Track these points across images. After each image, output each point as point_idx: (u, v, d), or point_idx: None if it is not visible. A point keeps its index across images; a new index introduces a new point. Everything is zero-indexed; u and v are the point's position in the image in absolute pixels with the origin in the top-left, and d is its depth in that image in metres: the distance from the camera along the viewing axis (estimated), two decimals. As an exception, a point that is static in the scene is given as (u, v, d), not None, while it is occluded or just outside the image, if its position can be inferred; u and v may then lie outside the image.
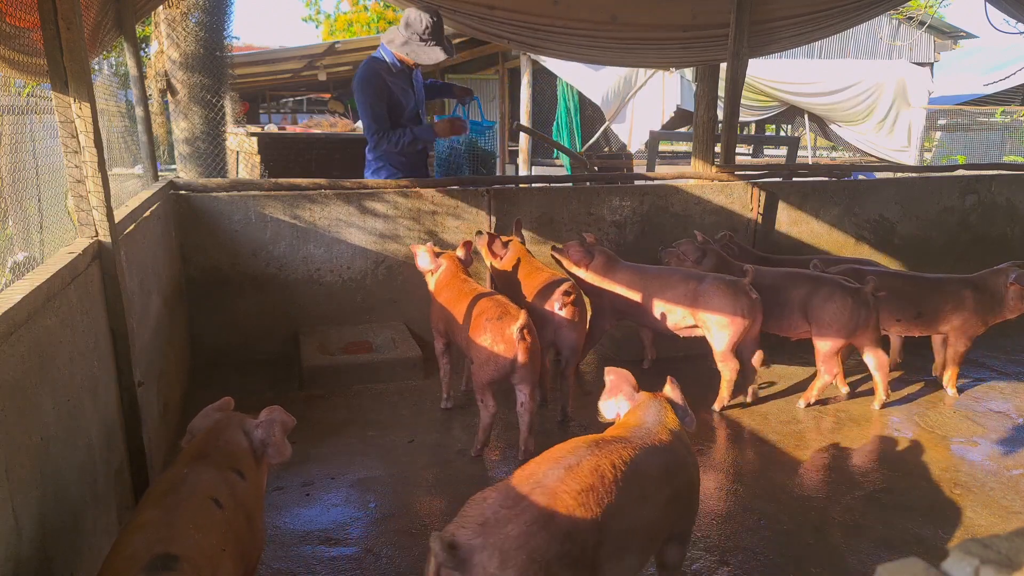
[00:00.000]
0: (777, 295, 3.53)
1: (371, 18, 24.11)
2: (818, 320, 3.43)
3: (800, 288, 3.50)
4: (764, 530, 2.54)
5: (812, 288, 3.47)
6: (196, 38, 6.32)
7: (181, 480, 1.62)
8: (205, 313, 3.88)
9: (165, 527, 1.45)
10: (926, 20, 11.89)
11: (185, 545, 1.41)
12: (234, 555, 1.57)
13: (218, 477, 1.67)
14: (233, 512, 1.63)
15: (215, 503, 1.59)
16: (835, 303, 3.38)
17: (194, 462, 1.70)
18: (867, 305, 3.38)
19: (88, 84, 2.04)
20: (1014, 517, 2.63)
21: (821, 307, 3.41)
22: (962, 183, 5.42)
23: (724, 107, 4.88)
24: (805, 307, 3.48)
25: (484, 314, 2.89)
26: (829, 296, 3.40)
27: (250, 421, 1.91)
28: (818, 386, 3.57)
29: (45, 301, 1.68)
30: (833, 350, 3.46)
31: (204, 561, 1.42)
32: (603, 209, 4.54)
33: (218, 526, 1.55)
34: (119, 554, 1.40)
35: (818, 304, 3.42)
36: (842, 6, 4.69)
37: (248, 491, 1.74)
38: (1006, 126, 13.49)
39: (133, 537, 1.43)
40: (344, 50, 12.24)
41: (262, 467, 1.89)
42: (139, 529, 1.46)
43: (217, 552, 1.49)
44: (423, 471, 2.91)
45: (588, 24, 4.58)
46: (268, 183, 3.98)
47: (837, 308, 3.38)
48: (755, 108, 11.93)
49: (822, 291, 3.43)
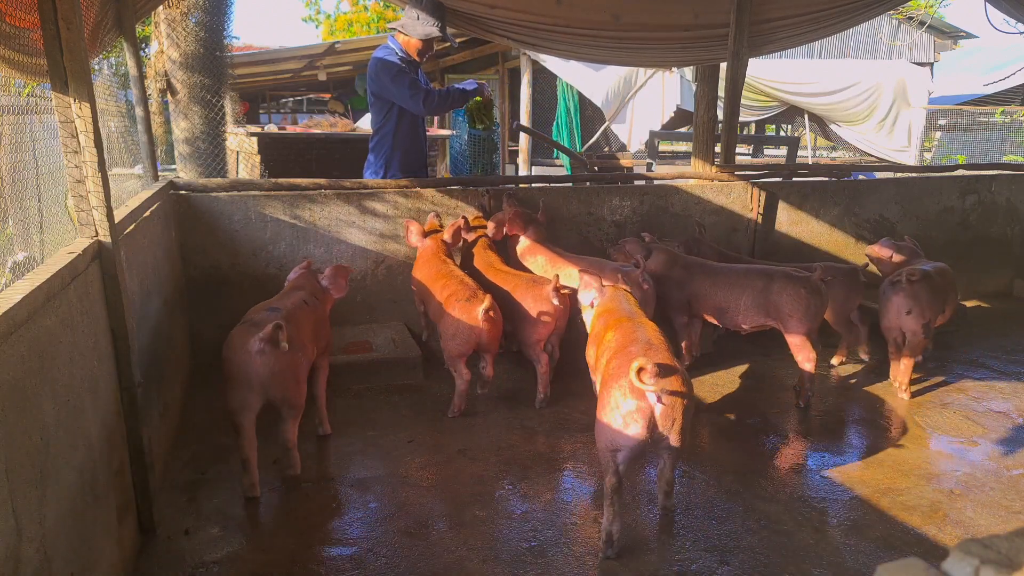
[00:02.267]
0: (732, 291, 3.63)
1: (371, 18, 24.12)
2: (778, 312, 3.51)
3: (756, 282, 3.58)
4: (764, 530, 2.54)
5: (767, 282, 3.55)
6: (196, 38, 6.33)
7: (285, 293, 3.03)
8: (205, 313, 3.88)
9: (277, 300, 2.90)
10: (926, 20, 11.89)
11: (286, 307, 2.77)
12: (310, 330, 2.85)
13: (305, 294, 3.00)
14: (312, 310, 2.95)
15: (304, 302, 2.92)
16: (789, 293, 3.47)
17: (292, 289, 3.06)
18: (819, 293, 3.47)
19: (88, 84, 2.04)
20: (1014, 517, 2.63)
21: (778, 299, 3.50)
22: (962, 183, 5.42)
23: (724, 107, 4.88)
24: (763, 301, 3.56)
25: (454, 295, 3.31)
26: (783, 288, 3.49)
27: (320, 275, 3.23)
28: (806, 379, 3.55)
29: (45, 301, 1.68)
30: (803, 338, 3.50)
31: (294, 317, 2.73)
32: (603, 209, 4.54)
33: (304, 310, 2.88)
34: (252, 310, 2.85)
35: (775, 297, 3.51)
36: (842, 6, 4.69)
37: (319, 306, 3.08)
38: (1006, 126, 13.50)
39: (258, 308, 2.84)
40: (344, 50, 12.25)
41: (328, 297, 3.20)
42: (258, 309, 2.82)
43: (303, 319, 2.81)
44: (423, 471, 2.91)
45: (590, 24, 4.58)
46: (268, 183, 3.98)
47: (792, 298, 3.46)
48: (755, 108, 11.93)
49: (776, 284, 3.52)
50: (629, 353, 2.34)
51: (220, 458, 2.97)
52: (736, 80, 4.74)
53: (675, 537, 2.49)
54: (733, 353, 4.24)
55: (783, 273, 3.57)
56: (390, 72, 4.11)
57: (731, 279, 3.67)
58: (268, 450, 3.04)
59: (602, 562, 2.33)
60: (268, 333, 2.49)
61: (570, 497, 2.73)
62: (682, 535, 2.50)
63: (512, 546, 2.42)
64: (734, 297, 3.63)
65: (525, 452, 3.06)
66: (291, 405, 2.66)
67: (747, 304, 3.60)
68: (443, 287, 3.44)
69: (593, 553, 2.38)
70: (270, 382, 2.56)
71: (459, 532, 2.49)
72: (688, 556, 2.37)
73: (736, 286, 3.63)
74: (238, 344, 2.55)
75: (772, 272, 3.60)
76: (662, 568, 2.31)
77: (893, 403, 3.65)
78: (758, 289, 3.57)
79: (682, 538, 2.48)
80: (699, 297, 3.72)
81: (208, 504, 2.63)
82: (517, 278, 3.60)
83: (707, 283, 3.71)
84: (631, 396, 2.21)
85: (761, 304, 3.56)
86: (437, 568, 2.30)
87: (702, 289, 3.71)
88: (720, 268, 3.80)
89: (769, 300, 3.53)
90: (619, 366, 2.31)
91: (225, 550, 2.37)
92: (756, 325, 3.64)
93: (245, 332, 2.57)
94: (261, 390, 2.56)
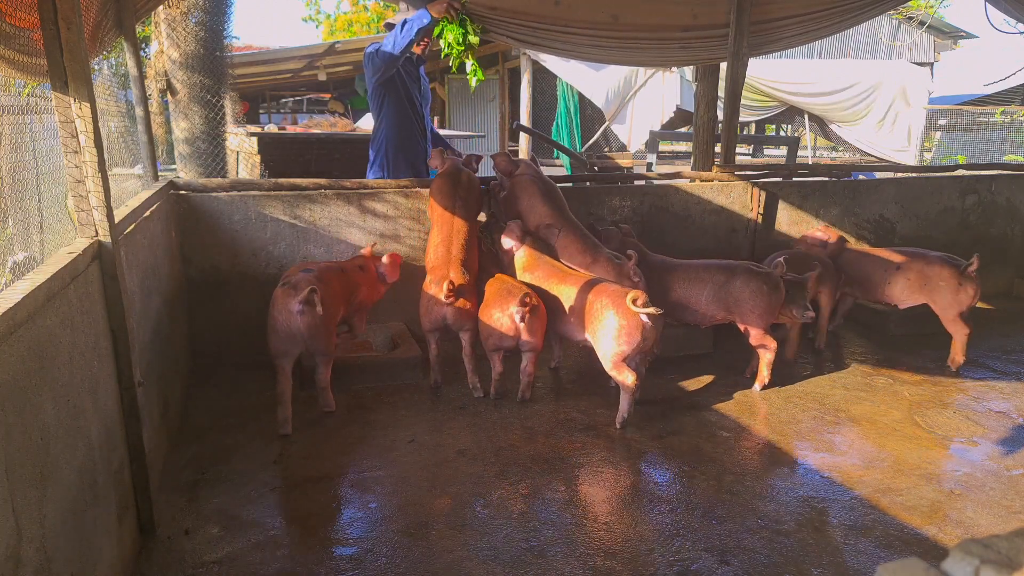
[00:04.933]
0: (693, 286, 3.72)
1: (371, 18, 24.10)
2: (739, 307, 3.62)
3: (717, 276, 3.68)
4: (764, 530, 2.54)
5: (728, 277, 3.65)
6: (196, 38, 6.32)
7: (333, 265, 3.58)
8: (205, 313, 3.88)
9: (314, 264, 3.41)
10: (926, 20, 11.88)
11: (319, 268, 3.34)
12: (340, 291, 3.39)
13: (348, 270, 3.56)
14: (343, 275, 3.49)
15: (341, 270, 3.50)
16: (751, 288, 3.57)
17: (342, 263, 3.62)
18: (778, 288, 3.59)
19: (88, 84, 2.04)
20: (1014, 517, 2.63)
21: (740, 294, 3.61)
22: (962, 183, 5.42)
23: (724, 107, 4.88)
24: (722, 296, 3.66)
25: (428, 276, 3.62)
26: (746, 283, 3.59)
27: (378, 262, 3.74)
28: (765, 365, 3.73)
29: (45, 301, 1.68)
30: (762, 332, 3.65)
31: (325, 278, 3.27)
32: (603, 209, 4.54)
33: (333, 273, 3.41)
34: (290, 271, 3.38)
35: (736, 292, 3.62)
36: (842, 6, 4.69)
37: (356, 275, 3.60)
38: (1006, 126, 13.49)
39: (294, 269, 3.38)
40: (344, 50, 12.25)
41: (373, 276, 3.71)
42: (295, 271, 3.33)
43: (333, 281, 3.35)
44: (423, 471, 2.91)
45: (590, 24, 4.58)
46: (268, 183, 3.98)
47: (753, 293, 3.56)
48: (755, 108, 11.93)
49: (738, 279, 3.61)
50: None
51: (220, 458, 2.97)
52: (736, 80, 4.74)
53: (675, 537, 2.49)
54: (730, 353, 4.24)
55: (744, 268, 3.68)
56: (371, 51, 4.23)
57: (691, 274, 3.76)
58: (268, 450, 3.04)
59: (602, 562, 2.33)
60: (305, 296, 3.04)
61: (570, 497, 2.73)
62: (682, 535, 2.50)
63: (512, 546, 2.42)
64: (695, 292, 3.72)
65: (525, 452, 3.06)
66: (323, 352, 3.26)
67: (708, 299, 3.69)
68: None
69: (593, 553, 2.38)
70: (307, 335, 3.14)
71: (459, 532, 2.49)
72: (688, 556, 2.38)
73: (697, 281, 3.72)
74: (282, 305, 3.12)
75: (734, 267, 3.71)
76: (662, 568, 2.31)
77: (893, 403, 3.65)
78: (719, 284, 3.66)
79: (682, 538, 2.48)
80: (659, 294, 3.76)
81: (208, 504, 2.63)
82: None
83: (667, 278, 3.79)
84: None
85: (721, 299, 3.66)
86: (437, 568, 2.30)
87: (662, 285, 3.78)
88: (679, 264, 3.87)
89: (730, 295, 3.63)
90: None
91: (225, 550, 2.37)
92: (717, 320, 3.76)
93: (287, 294, 3.12)
94: (301, 341, 3.16)
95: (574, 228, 3.77)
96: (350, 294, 3.53)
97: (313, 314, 3.09)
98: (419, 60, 4.31)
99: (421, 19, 4.06)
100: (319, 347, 3.23)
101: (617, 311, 3.13)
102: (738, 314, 3.64)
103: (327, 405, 3.38)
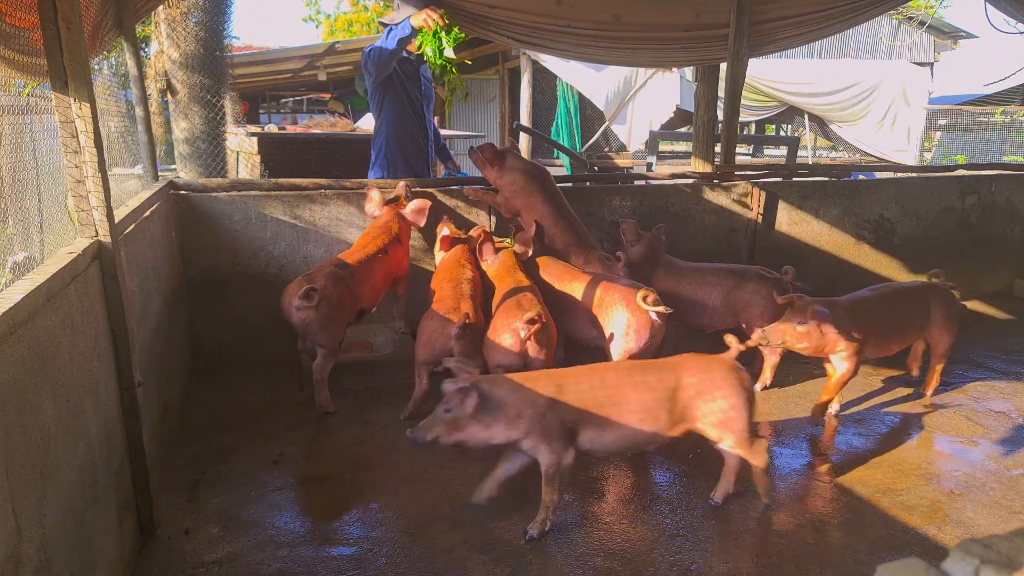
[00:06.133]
0: (700, 290, 3.70)
1: (371, 18, 24.12)
2: (748, 312, 3.61)
3: (725, 281, 3.67)
4: (763, 530, 2.54)
5: (737, 282, 3.64)
6: (196, 38, 6.33)
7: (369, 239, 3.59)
8: (205, 313, 3.88)
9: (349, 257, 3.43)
10: (926, 20, 11.88)
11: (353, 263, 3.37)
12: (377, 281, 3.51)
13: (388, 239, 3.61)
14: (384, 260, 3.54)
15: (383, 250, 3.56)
16: (762, 294, 3.57)
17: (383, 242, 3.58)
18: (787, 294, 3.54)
19: (88, 84, 2.04)
20: (1014, 517, 2.63)
21: (750, 299, 3.60)
22: (962, 183, 5.42)
23: (724, 107, 4.88)
24: (730, 301, 3.64)
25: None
26: (756, 289, 3.59)
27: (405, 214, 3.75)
28: (768, 369, 3.78)
29: (45, 301, 1.68)
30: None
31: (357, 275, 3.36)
32: (603, 209, 4.54)
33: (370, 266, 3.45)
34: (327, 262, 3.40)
35: (747, 297, 3.61)
36: (842, 6, 4.69)
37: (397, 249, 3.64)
38: (1006, 126, 13.50)
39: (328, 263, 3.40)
40: (344, 50, 12.24)
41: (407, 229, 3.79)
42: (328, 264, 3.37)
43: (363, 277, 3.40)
44: (423, 471, 2.91)
45: (591, 24, 4.57)
46: (268, 183, 3.98)
47: (764, 299, 3.55)
48: (755, 108, 11.93)
49: (748, 284, 3.61)
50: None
51: (220, 458, 2.97)
52: (736, 80, 4.74)
53: (675, 537, 2.49)
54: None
55: (755, 273, 3.67)
56: (366, 52, 4.20)
57: (699, 278, 3.74)
58: (268, 450, 3.04)
59: (602, 562, 2.33)
60: (304, 293, 3.11)
61: (570, 497, 2.73)
62: (682, 535, 2.50)
63: (512, 546, 2.42)
64: (702, 296, 3.70)
65: (525, 452, 3.06)
66: (323, 345, 3.29)
67: (716, 303, 3.67)
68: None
69: (594, 553, 2.38)
70: (302, 330, 3.22)
71: (459, 532, 2.49)
72: (688, 556, 2.38)
73: (705, 284, 3.70)
74: (286, 296, 3.23)
75: (744, 272, 3.70)
76: (662, 568, 2.31)
77: (893, 403, 3.65)
78: (728, 288, 3.65)
79: (682, 538, 2.48)
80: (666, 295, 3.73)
81: (208, 504, 2.63)
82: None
83: (672, 281, 3.75)
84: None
85: (730, 303, 3.65)
86: (437, 568, 2.30)
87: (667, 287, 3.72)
88: (687, 267, 3.84)
89: (739, 300, 3.62)
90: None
91: (225, 550, 2.37)
92: (723, 325, 3.68)
93: (295, 286, 3.21)
94: (300, 334, 3.28)
95: (570, 225, 3.77)
96: (388, 275, 3.61)
97: (308, 312, 3.14)
98: (418, 60, 4.31)
99: (403, 29, 4.04)
100: (319, 340, 3.28)
101: (627, 308, 3.13)
102: (746, 319, 3.62)
103: (325, 404, 3.36)
